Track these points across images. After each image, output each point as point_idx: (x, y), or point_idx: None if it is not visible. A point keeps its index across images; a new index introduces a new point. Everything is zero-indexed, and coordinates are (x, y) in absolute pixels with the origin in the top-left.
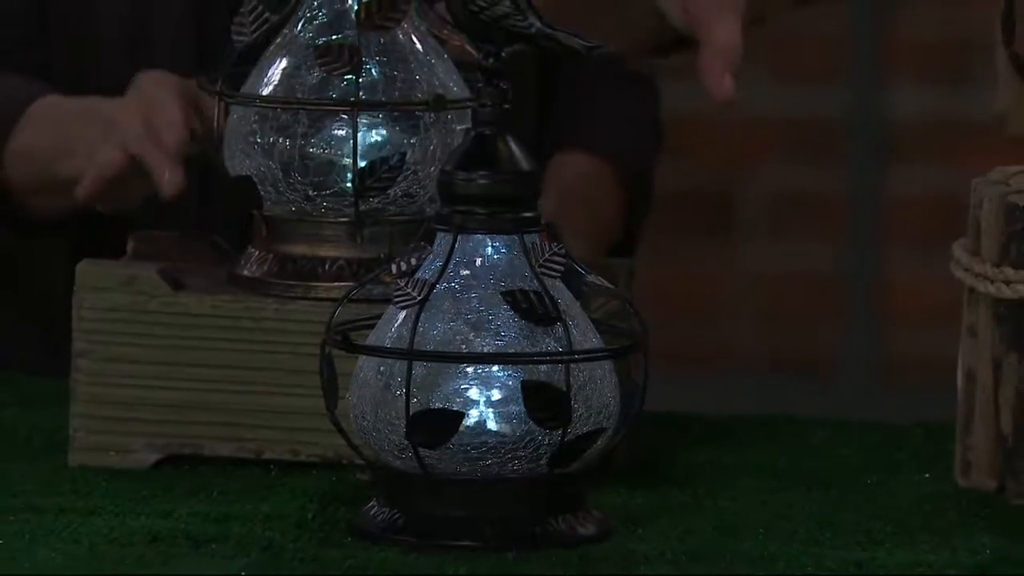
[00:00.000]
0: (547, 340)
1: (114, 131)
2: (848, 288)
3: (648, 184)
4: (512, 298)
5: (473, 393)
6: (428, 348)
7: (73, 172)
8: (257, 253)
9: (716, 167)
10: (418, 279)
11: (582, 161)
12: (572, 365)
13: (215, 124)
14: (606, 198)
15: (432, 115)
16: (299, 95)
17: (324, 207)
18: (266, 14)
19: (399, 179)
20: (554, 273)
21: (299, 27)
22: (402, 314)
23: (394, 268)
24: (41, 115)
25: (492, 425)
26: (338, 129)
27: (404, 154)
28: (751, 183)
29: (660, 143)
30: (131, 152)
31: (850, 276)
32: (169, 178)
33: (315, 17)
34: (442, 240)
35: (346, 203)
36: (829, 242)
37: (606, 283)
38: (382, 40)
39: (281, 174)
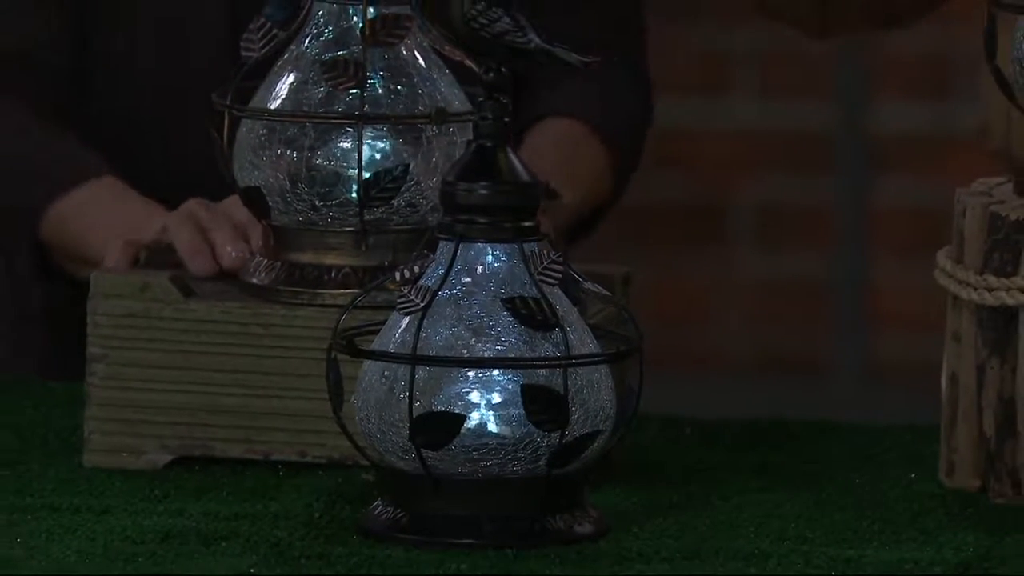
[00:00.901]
0: (546, 345)
1: (182, 216)
2: (836, 294)
3: (637, 144)
4: (512, 305)
5: (474, 396)
6: (431, 353)
7: (99, 254)
8: (265, 261)
9: (708, 179)
10: (421, 286)
11: (564, 125)
12: (570, 369)
13: (224, 137)
14: (584, 156)
15: (434, 128)
16: (306, 109)
17: (330, 217)
18: (274, 31)
19: (402, 190)
20: (552, 280)
21: (306, 43)
22: (405, 320)
23: (398, 275)
24: (100, 191)
25: (493, 427)
26: (344, 142)
27: (407, 166)
28: (742, 194)
29: (649, 112)
30: (205, 227)
31: (838, 283)
32: (234, 254)
33: (321, 34)
34: (444, 248)
35: (351, 213)
36: (817, 250)
37: (603, 290)
38: (386, 56)
39: (288, 185)
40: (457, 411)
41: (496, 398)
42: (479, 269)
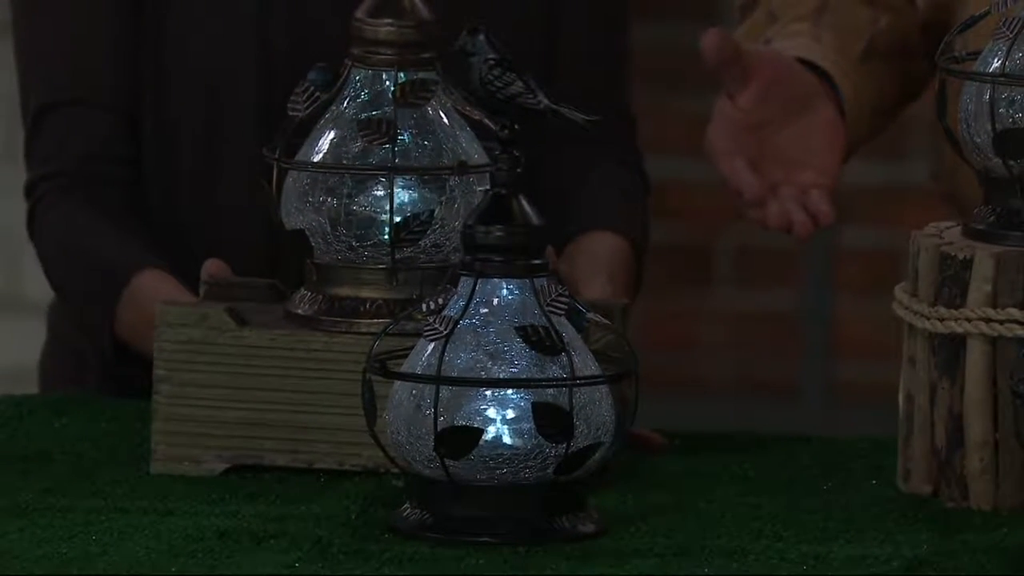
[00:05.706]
0: (553, 368)
1: None
2: (805, 325)
3: (648, 233)
4: (524, 332)
5: (491, 412)
6: (453, 374)
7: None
8: (309, 295)
9: (695, 226)
10: (444, 316)
11: (617, 243)
12: (574, 389)
13: (273, 186)
14: (628, 274)
15: (456, 178)
16: (344, 161)
17: (365, 256)
18: (317, 93)
19: (428, 232)
20: (559, 311)
21: (344, 104)
22: (431, 345)
23: (424, 307)
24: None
25: (507, 439)
26: (377, 190)
27: (433, 211)
28: (724, 239)
29: (647, 194)
30: None
31: (807, 315)
32: None
33: (358, 96)
34: (465, 283)
35: (384, 252)
36: (789, 287)
37: (604, 320)
38: (414, 115)
39: (329, 228)
40: (476, 425)
41: (510, 414)
42: (495, 301)
